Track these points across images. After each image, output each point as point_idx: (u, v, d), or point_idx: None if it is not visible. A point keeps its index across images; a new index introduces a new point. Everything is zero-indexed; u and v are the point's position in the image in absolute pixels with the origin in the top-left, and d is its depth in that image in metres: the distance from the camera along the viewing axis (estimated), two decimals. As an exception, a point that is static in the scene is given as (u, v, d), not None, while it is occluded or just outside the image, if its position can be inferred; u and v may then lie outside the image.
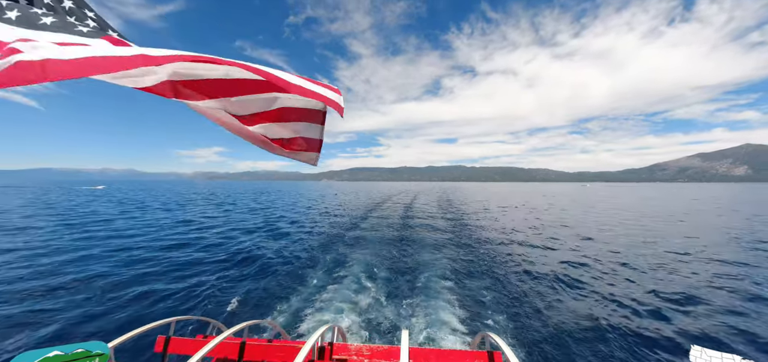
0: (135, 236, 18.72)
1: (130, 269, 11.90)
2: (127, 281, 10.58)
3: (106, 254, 14.01)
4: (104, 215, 28.73)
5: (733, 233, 20.54)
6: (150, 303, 8.97)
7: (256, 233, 20.78)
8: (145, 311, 8.51)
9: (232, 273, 11.79)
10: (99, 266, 12.20)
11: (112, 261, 12.93)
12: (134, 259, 13.34)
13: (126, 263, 12.62)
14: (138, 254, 14.26)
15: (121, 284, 10.29)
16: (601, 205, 46.90)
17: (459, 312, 8.33)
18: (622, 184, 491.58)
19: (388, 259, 13.73)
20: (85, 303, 8.72)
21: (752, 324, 7.68)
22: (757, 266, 12.63)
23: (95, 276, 10.99)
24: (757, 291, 9.80)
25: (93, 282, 10.42)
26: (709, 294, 9.67)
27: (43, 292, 9.42)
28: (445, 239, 18.57)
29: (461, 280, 10.91)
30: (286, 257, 14.10)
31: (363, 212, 32.72)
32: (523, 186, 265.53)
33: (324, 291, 9.87)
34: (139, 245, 16.00)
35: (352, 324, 7.82)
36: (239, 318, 8.24)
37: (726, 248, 16.21)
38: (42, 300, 8.88)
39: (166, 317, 3.46)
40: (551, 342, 6.94)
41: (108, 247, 15.54)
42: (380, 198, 57.20)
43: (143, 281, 10.62)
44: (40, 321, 7.63)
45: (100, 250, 14.83)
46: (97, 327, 7.56)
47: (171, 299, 9.29)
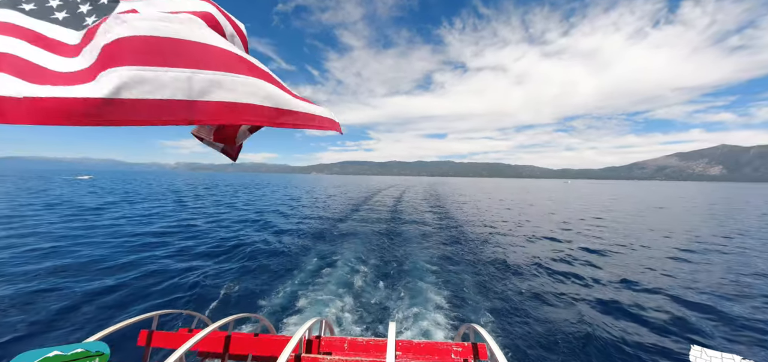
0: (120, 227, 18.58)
1: (122, 259, 12.03)
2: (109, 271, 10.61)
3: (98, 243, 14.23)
4: (91, 205, 28.78)
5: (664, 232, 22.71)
6: (125, 296, 8.85)
7: (244, 225, 20.64)
8: (120, 303, 8.39)
9: (218, 267, 11.64)
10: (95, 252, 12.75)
11: (109, 249, 13.27)
12: (125, 250, 13.46)
13: (120, 253, 12.81)
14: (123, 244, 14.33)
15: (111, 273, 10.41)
16: (577, 202, 49.40)
17: (443, 303, 8.69)
18: (604, 181, 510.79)
19: (376, 252, 14.00)
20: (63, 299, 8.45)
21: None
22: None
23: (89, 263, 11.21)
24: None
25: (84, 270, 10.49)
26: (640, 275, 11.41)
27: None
28: (431, 231, 19.44)
29: (446, 271, 11.42)
30: (273, 251, 14.06)
31: (353, 206, 33.53)
32: (509, 182, 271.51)
33: (312, 284, 9.93)
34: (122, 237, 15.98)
35: (340, 318, 7.89)
36: (224, 312, 7.86)
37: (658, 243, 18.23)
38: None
39: (146, 310, 3.50)
40: (531, 331, 7.37)
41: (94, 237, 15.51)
42: (370, 193, 58.35)
43: (123, 272, 10.61)
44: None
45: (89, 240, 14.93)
46: (78, 322, 7.37)
47: (154, 291, 9.18)
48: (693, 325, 7.76)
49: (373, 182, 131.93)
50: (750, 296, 9.54)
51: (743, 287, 10.33)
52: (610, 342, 6.98)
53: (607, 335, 7.24)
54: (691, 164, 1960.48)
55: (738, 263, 13.33)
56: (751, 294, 9.67)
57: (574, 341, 7.01)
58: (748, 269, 12.30)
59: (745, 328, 7.64)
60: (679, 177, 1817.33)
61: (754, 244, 17.29)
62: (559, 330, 7.39)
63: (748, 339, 7.18)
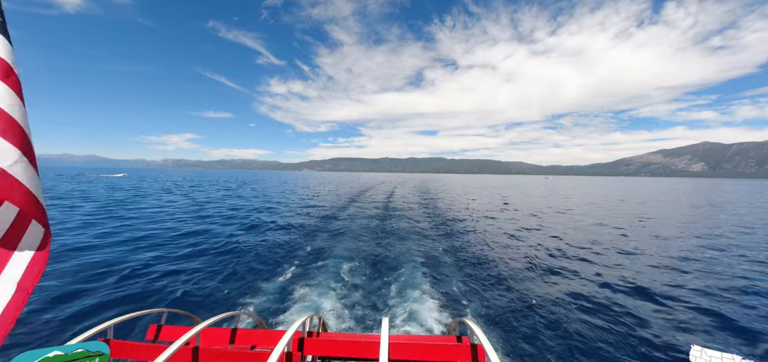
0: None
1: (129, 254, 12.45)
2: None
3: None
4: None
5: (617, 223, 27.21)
6: (121, 289, 9.08)
7: (235, 223, 20.60)
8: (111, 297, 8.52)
9: (211, 265, 11.61)
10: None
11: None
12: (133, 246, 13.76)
13: (128, 250, 13.11)
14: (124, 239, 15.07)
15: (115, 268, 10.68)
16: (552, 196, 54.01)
17: (434, 293, 9.24)
18: (589, 177, 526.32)
19: (368, 247, 14.50)
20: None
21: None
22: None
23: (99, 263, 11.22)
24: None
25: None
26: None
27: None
28: (423, 226, 20.77)
29: (436, 264, 12.24)
30: (267, 248, 14.12)
31: (345, 202, 35.71)
32: (498, 178, 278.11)
33: (305, 280, 10.04)
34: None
35: (333, 313, 7.96)
36: (216, 309, 8.09)
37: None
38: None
39: (142, 304, 4.11)
40: (517, 318, 7.99)
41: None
42: (362, 188, 61.06)
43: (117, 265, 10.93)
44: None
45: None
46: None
47: (153, 291, 9.24)
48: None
49: (364, 179, 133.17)
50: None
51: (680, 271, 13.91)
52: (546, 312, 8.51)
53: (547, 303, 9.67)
54: (675, 161, 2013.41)
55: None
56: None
57: (517, 305, 8.84)
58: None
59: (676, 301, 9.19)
60: (663, 173, 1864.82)
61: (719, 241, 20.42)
62: (518, 300, 9.30)
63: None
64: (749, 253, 14.81)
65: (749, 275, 11.57)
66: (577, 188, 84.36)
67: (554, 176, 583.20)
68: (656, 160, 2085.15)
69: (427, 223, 22.64)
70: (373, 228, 19.83)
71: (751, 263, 13.08)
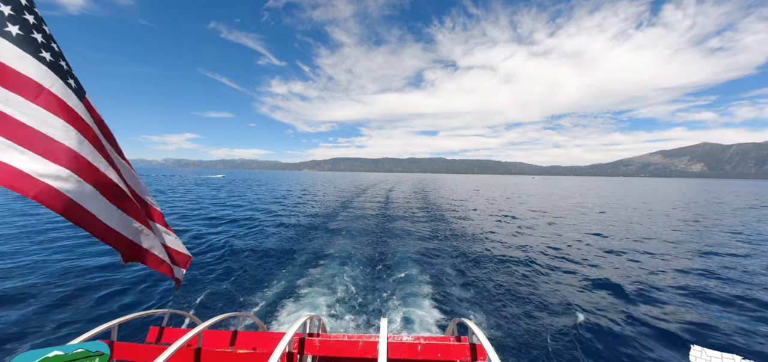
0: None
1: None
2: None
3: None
4: None
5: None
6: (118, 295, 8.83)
7: (233, 224, 20.31)
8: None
9: (210, 267, 11.54)
10: None
11: None
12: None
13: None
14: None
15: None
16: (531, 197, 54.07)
17: (433, 293, 9.30)
18: (589, 177, 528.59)
19: (367, 248, 14.60)
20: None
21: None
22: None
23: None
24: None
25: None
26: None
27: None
28: (420, 226, 20.92)
29: (432, 261, 12.49)
30: (267, 248, 14.15)
31: (345, 201, 35.91)
32: (497, 178, 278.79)
33: (305, 281, 10.07)
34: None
35: (332, 313, 8.01)
36: (215, 311, 8.09)
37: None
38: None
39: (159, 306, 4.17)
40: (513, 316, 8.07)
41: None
42: (362, 188, 61.11)
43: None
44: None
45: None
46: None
47: (153, 290, 9.20)
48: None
49: (365, 179, 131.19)
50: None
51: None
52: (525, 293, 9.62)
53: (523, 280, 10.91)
54: (674, 161, 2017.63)
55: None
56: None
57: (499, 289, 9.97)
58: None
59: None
60: (663, 174, 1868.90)
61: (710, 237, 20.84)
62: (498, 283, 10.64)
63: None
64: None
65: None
66: (573, 189, 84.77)
67: (540, 176, 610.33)
68: (656, 160, 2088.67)
69: (426, 223, 22.77)
70: (373, 228, 19.93)
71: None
